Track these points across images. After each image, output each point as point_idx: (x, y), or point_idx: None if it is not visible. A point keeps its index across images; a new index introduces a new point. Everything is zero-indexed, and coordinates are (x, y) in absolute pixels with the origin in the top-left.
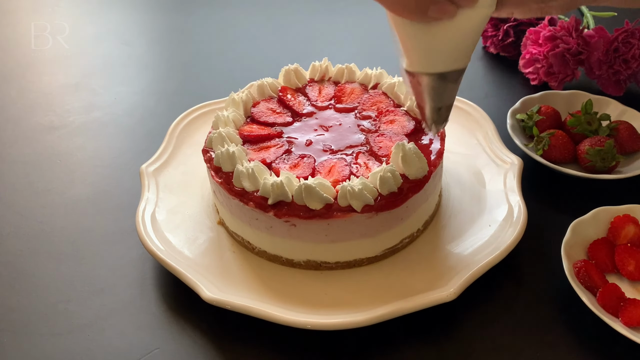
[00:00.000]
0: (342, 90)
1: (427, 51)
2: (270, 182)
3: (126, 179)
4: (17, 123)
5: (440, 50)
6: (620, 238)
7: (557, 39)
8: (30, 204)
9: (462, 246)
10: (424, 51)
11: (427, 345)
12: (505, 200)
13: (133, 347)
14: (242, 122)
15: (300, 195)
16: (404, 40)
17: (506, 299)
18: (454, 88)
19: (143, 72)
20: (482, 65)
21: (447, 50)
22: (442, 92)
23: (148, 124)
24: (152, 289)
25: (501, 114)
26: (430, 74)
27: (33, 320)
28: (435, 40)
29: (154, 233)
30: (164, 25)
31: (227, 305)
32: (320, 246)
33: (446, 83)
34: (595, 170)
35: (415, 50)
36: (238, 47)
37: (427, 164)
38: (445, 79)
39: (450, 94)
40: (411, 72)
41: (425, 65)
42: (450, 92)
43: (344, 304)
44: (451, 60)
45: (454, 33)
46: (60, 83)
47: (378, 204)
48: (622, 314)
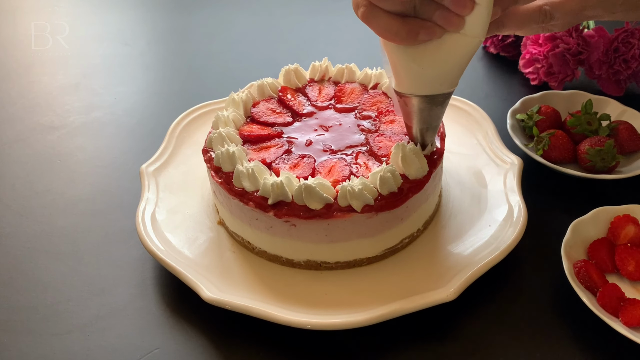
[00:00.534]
0: (342, 90)
1: (416, 75)
2: (270, 182)
3: (126, 179)
4: (17, 123)
5: (429, 75)
6: (620, 238)
7: (557, 39)
8: (30, 204)
9: (462, 246)
10: (413, 75)
11: (427, 345)
12: (505, 200)
13: (133, 347)
14: (242, 122)
15: (300, 196)
16: (394, 63)
17: (506, 299)
18: (441, 110)
19: (143, 72)
20: (482, 65)
21: (435, 75)
22: (428, 113)
23: (148, 124)
24: (152, 289)
25: (501, 114)
26: (418, 96)
27: (33, 320)
28: (424, 65)
29: (154, 233)
30: (164, 25)
31: (227, 305)
32: (320, 246)
33: (432, 105)
34: (595, 170)
35: (405, 73)
36: (238, 47)
37: (427, 164)
38: (432, 102)
39: (436, 116)
40: (399, 93)
41: (413, 87)
42: (436, 114)
43: (344, 304)
44: (438, 84)
45: (443, 59)
46: (60, 83)
47: (378, 204)
48: (622, 314)
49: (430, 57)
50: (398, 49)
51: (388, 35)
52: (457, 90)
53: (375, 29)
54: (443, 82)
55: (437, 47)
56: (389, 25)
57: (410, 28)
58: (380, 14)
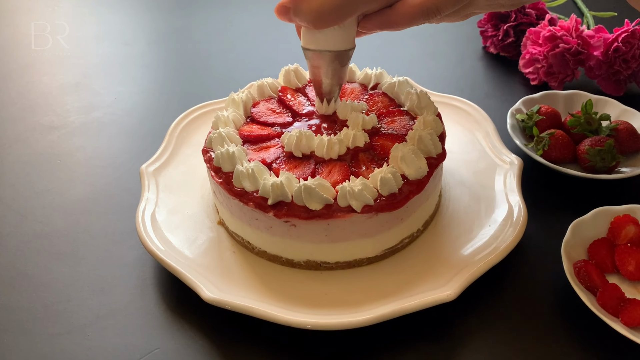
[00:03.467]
0: (342, 90)
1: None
2: (270, 182)
3: (126, 179)
4: (17, 123)
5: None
6: (620, 238)
7: (557, 39)
8: (30, 204)
9: (462, 246)
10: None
11: (427, 345)
12: (505, 200)
13: (133, 347)
14: (242, 122)
15: (300, 196)
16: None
17: (506, 299)
18: (347, 67)
19: (143, 72)
20: (482, 65)
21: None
22: (339, 68)
23: (148, 124)
24: (152, 289)
25: (501, 114)
26: (332, 52)
27: (33, 320)
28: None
29: (154, 233)
30: (164, 25)
31: (227, 305)
32: (320, 246)
33: (342, 61)
34: (595, 170)
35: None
36: (238, 47)
37: (426, 164)
38: (342, 57)
39: (344, 72)
40: (317, 50)
41: (330, 44)
42: (345, 71)
43: (344, 304)
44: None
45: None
46: (60, 83)
47: (378, 205)
48: (622, 314)
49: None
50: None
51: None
52: (457, 90)
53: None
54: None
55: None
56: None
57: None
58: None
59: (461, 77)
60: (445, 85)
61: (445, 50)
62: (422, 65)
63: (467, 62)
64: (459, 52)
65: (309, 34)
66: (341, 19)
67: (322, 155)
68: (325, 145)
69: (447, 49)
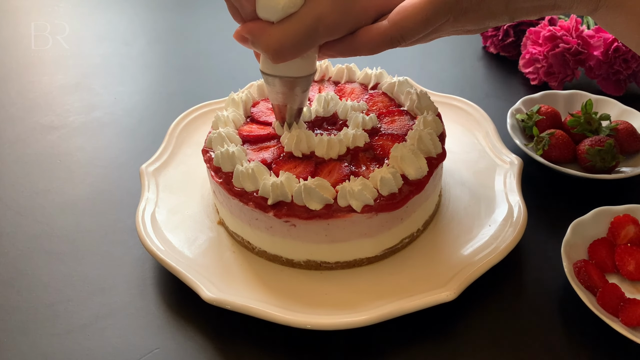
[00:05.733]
0: (342, 90)
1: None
2: (270, 182)
3: (126, 179)
4: (17, 123)
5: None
6: (620, 238)
7: (557, 39)
8: (30, 204)
9: (462, 246)
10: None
11: (427, 345)
12: (505, 200)
13: (133, 347)
14: (242, 122)
15: (299, 196)
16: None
17: (506, 299)
18: (307, 92)
19: (143, 72)
20: (482, 65)
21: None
22: (302, 93)
23: (148, 124)
24: (152, 289)
25: (501, 114)
26: (296, 77)
27: (32, 320)
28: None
29: (154, 233)
30: (164, 25)
31: (227, 305)
32: (320, 246)
33: (304, 85)
34: (595, 170)
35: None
36: (238, 47)
37: (426, 164)
38: (306, 82)
39: (305, 97)
40: (279, 76)
41: (292, 71)
42: (306, 95)
43: (344, 304)
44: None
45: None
46: (60, 83)
47: (378, 205)
48: (622, 314)
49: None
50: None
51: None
52: (457, 90)
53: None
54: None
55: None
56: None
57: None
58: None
59: (461, 77)
60: (445, 85)
61: (445, 50)
62: (422, 65)
63: (467, 62)
64: (459, 52)
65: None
66: (300, 53)
67: (322, 155)
68: (325, 145)
69: (447, 49)
